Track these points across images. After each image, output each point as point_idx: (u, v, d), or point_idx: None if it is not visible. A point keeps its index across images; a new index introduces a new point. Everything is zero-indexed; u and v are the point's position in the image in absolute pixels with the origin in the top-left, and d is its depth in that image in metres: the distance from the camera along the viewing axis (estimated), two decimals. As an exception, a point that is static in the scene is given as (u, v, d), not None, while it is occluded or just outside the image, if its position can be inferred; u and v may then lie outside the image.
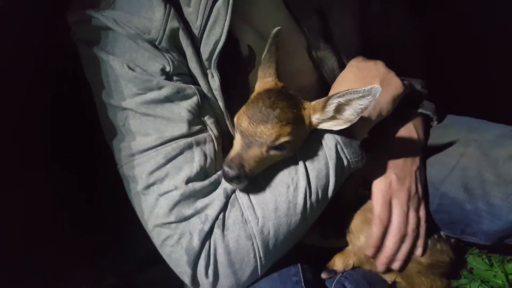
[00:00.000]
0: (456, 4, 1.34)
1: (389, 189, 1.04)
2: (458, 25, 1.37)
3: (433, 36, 1.36)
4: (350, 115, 0.89)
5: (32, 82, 1.10)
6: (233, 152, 0.87)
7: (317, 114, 0.91)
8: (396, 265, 1.05)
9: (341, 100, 0.88)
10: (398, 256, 1.05)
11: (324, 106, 0.90)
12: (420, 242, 1.06)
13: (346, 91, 0.86)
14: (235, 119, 0.89)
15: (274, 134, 0.85)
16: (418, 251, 1.06)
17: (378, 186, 1.04)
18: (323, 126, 0.93)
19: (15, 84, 1.03)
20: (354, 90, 0.85)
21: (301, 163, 0.92)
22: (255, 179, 0.89)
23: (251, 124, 0.85)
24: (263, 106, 0.86)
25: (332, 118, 0.91)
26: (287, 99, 0.89)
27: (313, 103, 0.92)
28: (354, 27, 1.15)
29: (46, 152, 1.19)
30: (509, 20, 1.29)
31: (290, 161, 0.91)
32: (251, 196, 0.89)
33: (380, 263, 1.05)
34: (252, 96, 0.92)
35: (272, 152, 0.87)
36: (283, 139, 0.86)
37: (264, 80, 0.96)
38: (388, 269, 1.06)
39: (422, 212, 1.08)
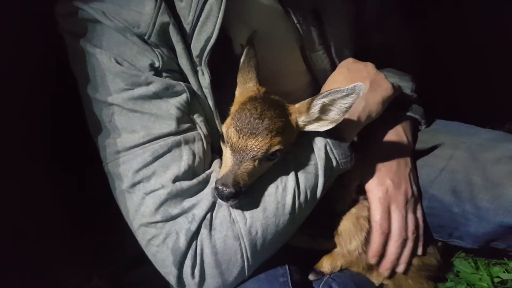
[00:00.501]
0: (456, 5, 1.34)
1: (387, 196, 1.04)
2: (458, 25, 1.38)
3: (433, 36, 1.36)
4: (335, 115, 0.88)
5: (32, 82, 1.09)
6: (225, 169, 0.85)
7: (302, 117, 0.90)
8: (401, 268, 1.06)
9: (325, 100, 0.87)
10: (402, 259, 1.05)
11: (308, 108, 0.89)
12: (421, 242, 1.08)
13: (329, 91, 0.86)
14: (224, 130, 0.88)
15: (265, 146, 0.84)
16: (419, 250, 1.07)
17: (376, 194, 1.04)
18: (309, 128, 0.92)
19: (15, 83, 1.02)
20: (338, 89, 0.84)
21: (290, 163, 0.91)
22: None
23: (241, 138, 0.83)
24: (251, 117, 0.84)
25: (318, 119, 0.91)
26: (274, 107, 0.87)
27: (297, 105, 0.91)
28: (349, 29, 1.15)
29: (38, 150, 1.18)
30: (509, 20, 1.30)
31: (279, 162, 0.90)
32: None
33: (384, 269, 1.05)
34: (237, 106, 0.90)
35: (265, 163, 0.87)
36: (274, 149, 0.85)
37: (244, 85, 0.95)
38: (393, 273, 1.07)
39: (419, 213, 1.09)
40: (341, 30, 1.12)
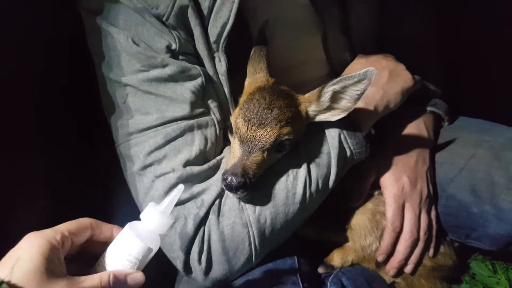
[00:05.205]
0: (456, 4, 1.31)
1: (402, 193, 1.01)
2: (458, 25, 1.35)
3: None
4: (347, 103, 0.85)
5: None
6: (233, 160, 0.83)
7: (312, 106, 0.87)
8: (409, 268, 1.03)
9: (336, 87, 0.84)
10: (411, 260, 1.02)
11: (319, 96, 0.86)
12: (432, 244, 1.04)
13: (340, 78, 0.82)
14: (232, 120, 0.86)
15: (273, 136, 0.81)
16: (430, 252, 1.04)
17: (391, 190, 1.01)
18: (320, 118, 0.89)
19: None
20: (349, 75, 0.81)
21: (302, 152, 0.89)
22: None
23: (249, 129, 0.81)
24: (259, 107, 0.82)
25: (329, 108, 0.87)
26: (283, 97, 0.85)
27: (306, 95, 0.88)
28: (373, 21, 1.12)
29: (45, 123, 1.18)
30: (509, 20, 1.27)
31: (290, 151, 0.88)
32: None
33: (391, 268, 1.02)
34: (245, 96, 0.88)
35: (274, 154, 0.85)
36: (283, 139, 0.83)
37: (254, 76, 0.93)
38: (400, 272, 1.04)
39: (433, 213, 1.05)
40: (365, 22, 1.09)
